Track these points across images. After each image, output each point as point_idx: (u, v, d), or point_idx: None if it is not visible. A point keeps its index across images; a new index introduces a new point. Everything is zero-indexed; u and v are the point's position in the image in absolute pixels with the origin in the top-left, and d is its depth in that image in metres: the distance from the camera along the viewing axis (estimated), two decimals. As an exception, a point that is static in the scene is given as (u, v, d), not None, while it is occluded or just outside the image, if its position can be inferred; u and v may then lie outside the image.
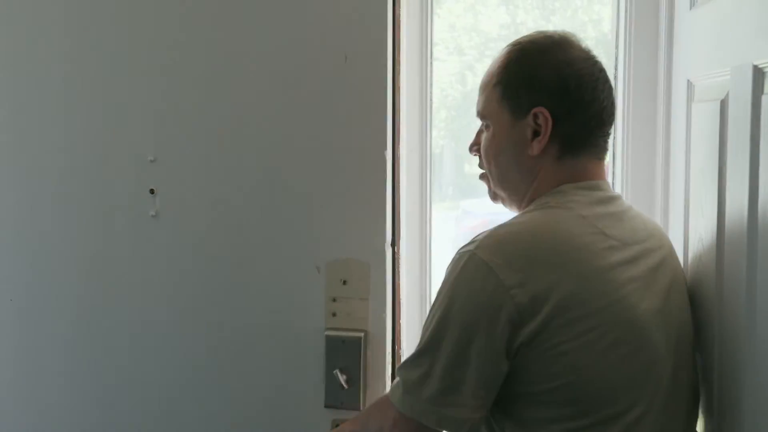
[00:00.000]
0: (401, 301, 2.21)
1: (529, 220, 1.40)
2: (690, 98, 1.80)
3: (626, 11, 2.10)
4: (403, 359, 1.45)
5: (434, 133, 2.29)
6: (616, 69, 2.16)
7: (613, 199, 1.49)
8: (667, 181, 2.03)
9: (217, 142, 1.71)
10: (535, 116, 1.44)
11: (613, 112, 1.50)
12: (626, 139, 2.11)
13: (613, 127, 1.52)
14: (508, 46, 1.54)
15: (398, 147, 2.19)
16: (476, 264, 1.33)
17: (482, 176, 1.62)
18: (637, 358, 1.38)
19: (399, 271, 2.21)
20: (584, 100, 1.44)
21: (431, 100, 2.21)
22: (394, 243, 2.20)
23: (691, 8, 1.82)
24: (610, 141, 1.54)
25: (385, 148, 1.59)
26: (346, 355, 1.62)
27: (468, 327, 1.33)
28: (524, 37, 1.53)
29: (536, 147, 1.45)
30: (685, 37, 1.88)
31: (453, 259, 1.39)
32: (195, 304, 1.78)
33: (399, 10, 2.15)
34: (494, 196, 1.62)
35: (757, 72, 1.34)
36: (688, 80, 1.81)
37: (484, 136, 1.57)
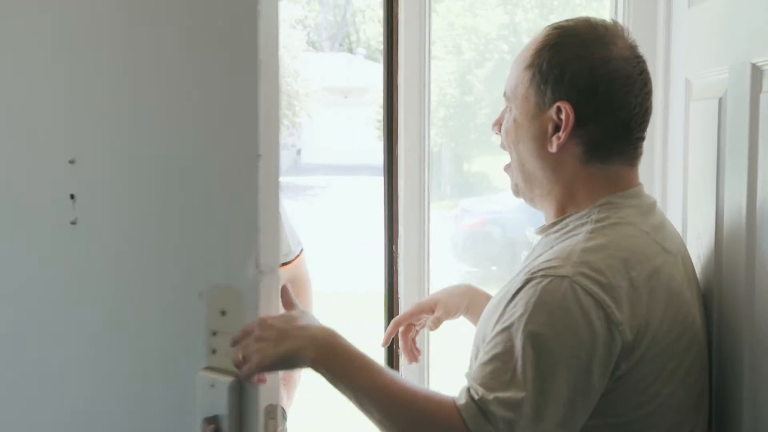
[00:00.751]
0: (398, 299, 2.21)
1: (610, 243, 1.30)
2: (688, 96, 1.80)
3: (624, 9, 2.09)
4: (488, 392, 1.23)
5: (432, 131, 2.29)
6: (614, 67, 2.15)
7: (652, 206, 1.42)
8: (665, 179, 2.03)
9: (119, 144, 1.52)
10: (558, 110, 1.36)
11: (645, 118, 1.40)
12: (624, 138, 2.11)
13: (646, 132, 1.41)
14: (548, 27, 1.44)
15: (396, 146, 2.20)
16: (576, 293, 1.23)
17: (507, 167, 1.52)
18: (700, 381, 1.36)
19: (397, 270, 2.21)
20: (613, 105, 1.36)
21: (429, 98, 2.21)
22: (392, 242, 2.20)
23: (689, 6, 1.82)
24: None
25: (256, 153, 1.29)
26: (215, 402, 1.34)
27: (574, 363, 1.23)
28: (569, 20, 1.43)
29: (555, 144, 1.38)
30: (683, 36, 1.88)
31: (537, 282, 1.26)
32: (94, 327, 1.59)
33: (397, 8, 2.15)
34: (516, 190, 1.51)
35: (756, 70, 1.34)
36: (686, 78, 1.81)
37: (506, 117, 1.48)
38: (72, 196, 1.57)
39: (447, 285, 1.79)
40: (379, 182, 2.38)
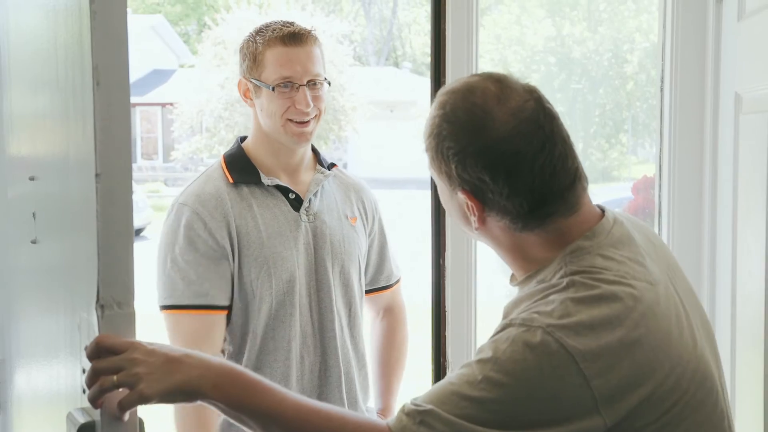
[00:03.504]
0: (446, 312, 2.22)
1: (593, 294, 1.22)
2: (738, 110, 1.79)
3: (672, 23, 2.09)
4: (428, 404, 1.21)
5: (479, 145, 2.29)
6: (662, 80, 2.15)
7: (624, 237, 1.32)
8: (714, 194, 2.01)
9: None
10: (464, 196, 1.31)
11: (556, 175, 1.27)
12: (672, 152, 2.10)
13: (572, 177, 1.28)
14: (435, 102, 1.37)
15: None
16: (548, 346, 1.18)
17: None
18: (715, 413, 1.28)
19: (445, 284, 2.22)
20: (509, 184, 1.27)
21: (476, 112, 2.22)
22: (440, 255, 2.21)
23: (739, 19, 1.81)
24: (656, 153, 1.46)
25: (95, 173, 1.11)
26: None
27: (534, 416, 1.18)
28: (455, 92, 1.35)
29: (473, 225, 1.33)
30: (732, 49, 1.87)
31: (513, 330, 1.21)
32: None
33: (444, 23, 2.17)
34: None
35: (807, 83, 1.34)
36: (736, 92, 1.80)
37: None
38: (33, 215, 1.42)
39: (493, 298, 1.71)
40: (425, 195, 2.39)
